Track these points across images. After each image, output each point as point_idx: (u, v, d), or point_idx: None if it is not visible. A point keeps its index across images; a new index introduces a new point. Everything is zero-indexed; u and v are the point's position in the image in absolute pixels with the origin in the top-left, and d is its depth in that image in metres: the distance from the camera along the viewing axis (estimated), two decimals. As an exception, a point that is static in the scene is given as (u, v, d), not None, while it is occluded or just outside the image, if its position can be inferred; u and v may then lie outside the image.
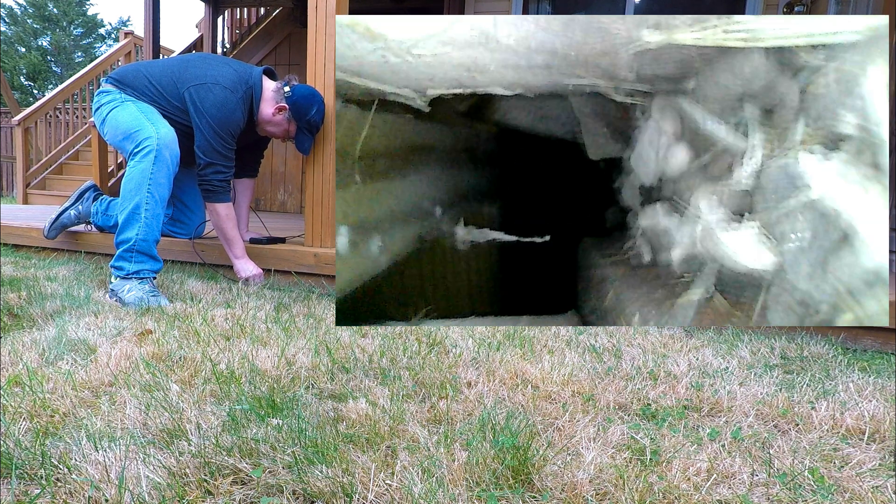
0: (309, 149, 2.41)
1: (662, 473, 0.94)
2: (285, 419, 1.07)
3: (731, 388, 1.34)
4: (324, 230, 2.47)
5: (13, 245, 3.07)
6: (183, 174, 2.43)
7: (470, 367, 1.43)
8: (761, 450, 1.05)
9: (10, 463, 0.89)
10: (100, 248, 2.78)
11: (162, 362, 1.38)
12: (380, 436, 1.03)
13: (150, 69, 2.33)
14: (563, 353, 1.56)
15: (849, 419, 1.17)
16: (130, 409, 1.10)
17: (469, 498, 0.86)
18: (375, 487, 0.86)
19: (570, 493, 0.88)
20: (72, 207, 2.71)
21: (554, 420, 1.14)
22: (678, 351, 1.64)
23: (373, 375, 1.36)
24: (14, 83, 19.85)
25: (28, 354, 1.39)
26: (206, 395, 1.19)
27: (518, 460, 0.92)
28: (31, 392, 1.15)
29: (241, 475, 0.90)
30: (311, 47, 2.42)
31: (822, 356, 1.67)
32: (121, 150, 2.25)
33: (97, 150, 4.14)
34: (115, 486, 0.84)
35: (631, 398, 1.27)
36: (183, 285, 2.28)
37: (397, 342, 1.60)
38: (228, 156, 2.27)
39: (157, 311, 1.87)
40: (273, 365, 1.37)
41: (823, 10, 3.52)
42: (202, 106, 2.19)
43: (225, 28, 5.76)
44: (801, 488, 0.92)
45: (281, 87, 2.33)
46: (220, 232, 2.35)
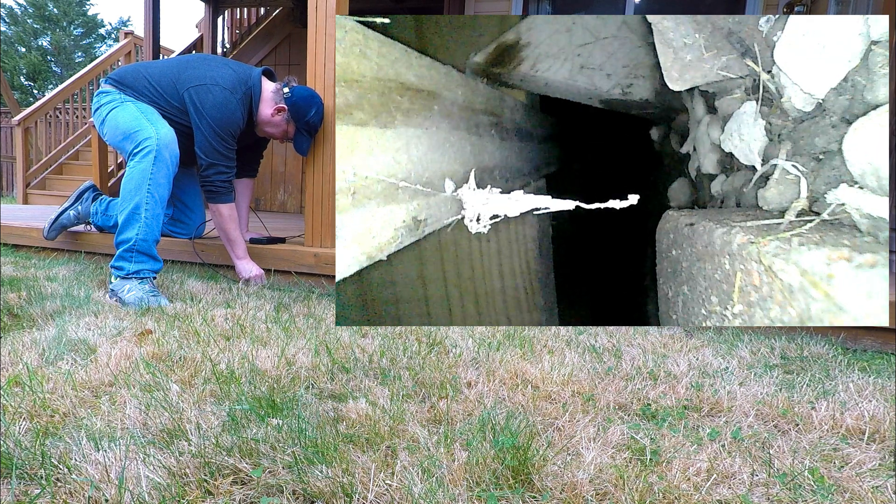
0: (307, 150, 2.41)
1: (662, 473, 0.94)
2: (285, 419, 1.07)
3: (731, 388, 1.34)
4: (324, 230, 2.47)
5: (13, 245, 3.06)
6: (183, 174, 2.44)
7: (470, 367, 1.43)
8: (761, 450, 1.05)
9: (10, 463, 0.89)
10: (100, 248, 2.78)
11: (162, 362, 1.38)
12: (380, 436, 1.03)
13: (150, 70, 2.33)
14: (563, 353, 1.56)
15: (849, 419, 1.17)
16: (130, 409, 1.10)
17: (469, 498, 0.86)
18: (375, 487, 0.86)
19: (570, 493, 0.88)
20: (71, 208, 2.71)
21: (554, 420, 1.14)
22: (678, 351, 1.64)
23: (373, 375, 1.36)
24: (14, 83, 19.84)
25: (28, 354, 1.39)
26: (206, 395, 1.19)
27: (518, 460, 0.92)
28: (31, 392, 1.15)
29: (241, 475, 0.90)
30: (311, 47, 2.42)
31: (822, 356, 1.67)
32: (120, 150, 2.25)
33: (97, 150, 4.15)
34: (115, 486, 0.84)
35: (631, 398, 1.27)
36: (183, 285, 2.28)
37: (397, 342, 1.60)
38: (230, 156, 2.27)
39: (157, 311, 1.87)
40: (273, 365, 1.37)
41: (823, 10, 3.52)
42: (202, 107, 2.20)
43: (225, 28, 5.76)
44: (801, 488, 0.92)
45: (280, 88, 2.33)
46: (222, 233, 2.36)
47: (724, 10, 3.84)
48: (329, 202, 2.46)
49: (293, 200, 5.63)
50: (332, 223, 2.47)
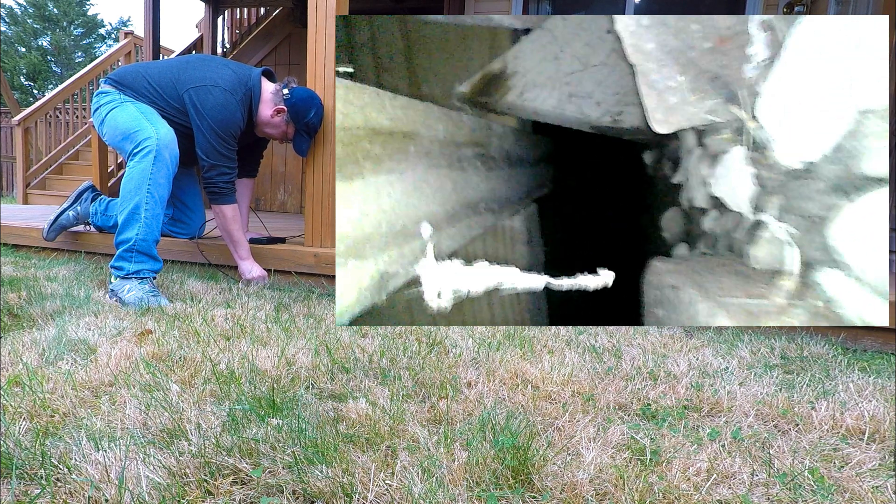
0: (307, 151, 2.41)
1: (662, 473, 0.94)
2: (285, 419, 1.07)
3: (731, 388, 1.34)
4: (324, 230, 2.47)
5: (13, 245, 3.06)
6: (183, 174, 2.44)
7: (470, 367, 1.43)
8: (761, 450, 1.05)
9: (10, 463, 0.89)
10: (100, 248, 2.78)
11: (162, 362, 1.38)
12: (380, 436, 1.03)
13: (150, 70, 2.33)
14: (563, 353, 1.56)
15: (849, 419, 1.17)
16: (130, 409, 1.10)
17: (469, 498, 0.86)
18: (375, 487, 0.86)
19: (570, 493, 0.88)
20: (70, 208, 2.71)
21: (554, 420, 1.14)
22: (678, 351, 1.64)
23: (373, 375, 1.36)
24: (14, 83, 19.85)
25: (28, 354, 1.39)
26: (206, 395, 1.19)
27: (518, 460, 0.92)
28: (31, 392, 1.15)
29: (241, 475, 0.90)
30: (311, 47, 2.42)
31: (822, 356, 1.67)
32: (120, 150, 2.25)
33: (97, 151, 4.14)
34: (115, 486, 0.84)
35: (631, 398, 1.27)
36: (183, 285, 2.28)
37: (397, 342, 1.60)
38: (231, 157, 2.28)
39: (157, 311, 1.87)
40: (273, 365, 1.37)
41: (823, 10, 3.52)
42: (202, 108, 2.20)
43: (225, 28, 5.76)
44: (801, 488, 0.92)
45: (280, 88, 2.33)
46: (225, 233, 2.36)
47: (724, 10, 3.84)
48: (329, 202, 2.46)
49: (293, 200, 5.63)
50: (332, 223, 2.47)
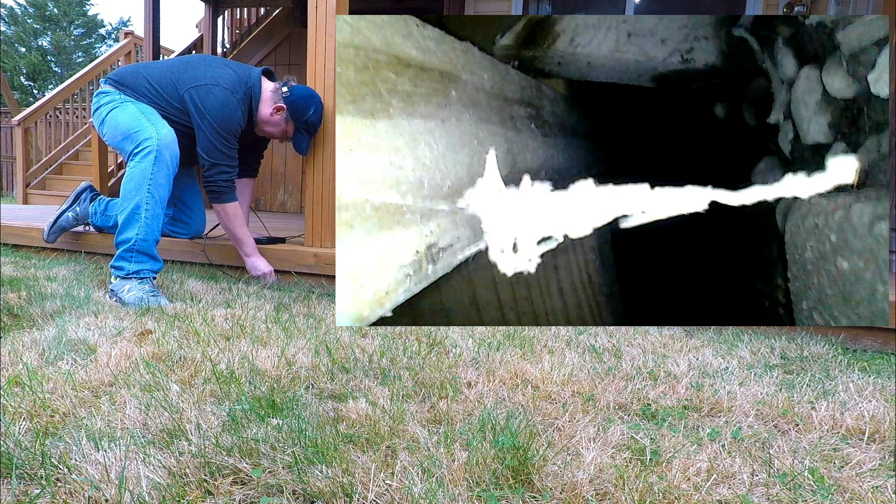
0: (307, 149, 2.41)
1: (662, 473, 0.94)
2: (285, 419, 1.07)
3: (731, 388, 1.34)
4: (324, 230, 2.47)
5: (13, 245, 3.06)
6: (183, 174, 2.44)
7: (470, 367, 1.43)
8: (761, 450, 1.05)
9: (10, 463, 0.89)
10: (100, 249, 2.78)
11: (162, 362, 1.38)
12: (380, 436, 1.03)
13: (150, 70, 2.33)
14: (563, 353, 1.56)
15: (849, 419, 1.17)
16: (130, 409, 1.10)
17: (469, 498, 0.86)
18: (375, 487, 0.86)
19: (570, 493, 0.88)
20: (69, 209, 2.71)
21: (554, 420, 1.14)
22: (678, 351, 1.64)
23: (373, 375, 1.36)
24: (14, 83, 19.84)
25: (28, 354, 1.39)
26: (206, 395, 1.19)
27: (518, 460, 0.92)
28: (31, 392, 1.15)
29: (241, 475, 0.90)
30: (311, 47, 2.42)
31: (822, 356, 1.67)
32: (120, 150, 2.25)
33: (97, 151, 4.14)
34: (115, 486, 0.84)
35: (631, 398, 1.27)
36: (183, 285, 2.28)
37: (397, 342, 1.60)
38: (232, 156, 2.28)
39: (157, 311, 1.87)
40: (273, 365, 1.37)
41: (823, 10, 3.52)
42: (203, 107, 2.20)
43: (225, 28, 5.76)
44: (801, 488, 0.92)
45: (279, 87, 2.33)
46: (229, 232, 2.37)
47: (724, 10, 3.84)
48: (329, 202, 2.46)
49: (293, 200, 5.62)
50: (332, 223, 2.47)
